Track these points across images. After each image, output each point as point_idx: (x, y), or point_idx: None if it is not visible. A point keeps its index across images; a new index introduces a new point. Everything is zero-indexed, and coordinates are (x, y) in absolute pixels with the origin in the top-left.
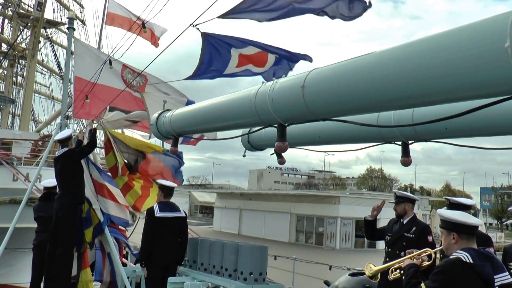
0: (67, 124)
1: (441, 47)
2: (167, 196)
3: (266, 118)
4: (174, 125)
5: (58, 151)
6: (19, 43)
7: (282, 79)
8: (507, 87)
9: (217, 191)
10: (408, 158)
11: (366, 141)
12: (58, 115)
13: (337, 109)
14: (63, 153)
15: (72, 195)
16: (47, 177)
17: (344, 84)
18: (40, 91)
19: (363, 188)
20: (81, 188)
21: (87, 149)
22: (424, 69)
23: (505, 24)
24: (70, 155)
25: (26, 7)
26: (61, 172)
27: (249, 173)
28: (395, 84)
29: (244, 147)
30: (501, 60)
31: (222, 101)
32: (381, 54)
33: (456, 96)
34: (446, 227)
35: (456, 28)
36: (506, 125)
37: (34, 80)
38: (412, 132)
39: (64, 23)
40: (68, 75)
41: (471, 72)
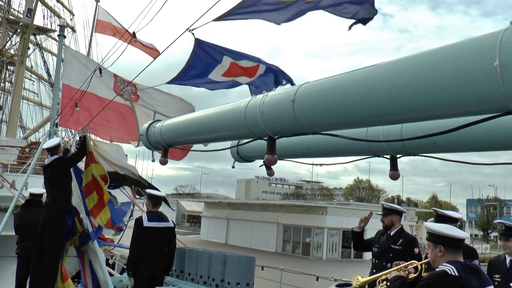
0: (56, 132)
1: (431, 64)
2: (156, 205)
3: (256, 130)
4: (164, 135)
5: (48, 159)
6: (8, 49)
7: (272, 92)
8: (496, 105)
9: (204, 201)
10: (396, 172)
11: (355, 154)
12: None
13: (327, 123)
14: (53, 161)
15: (61, 203)
16: (34, 185)
17: (334, 99)
18: (29, 97)
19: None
20: (69, 196)
21: (76, 157)
22: (413, 86)
23: (494, 43)
24: (59, 163)
25: (16, 13)
26: (51, 180)
27: (237, 182)
28: (384, 100)
29: (234, 158)
30: (490, 78)
31: (212, 112)
32: (370, 70)
33: (445, 112)
34: (432, 240)
35: (446, 46)
36: (494, 141)
37: (23, 86)
38: (401, 146)
39: (54, 30)
40: (59, 83)
41: (460, 89)
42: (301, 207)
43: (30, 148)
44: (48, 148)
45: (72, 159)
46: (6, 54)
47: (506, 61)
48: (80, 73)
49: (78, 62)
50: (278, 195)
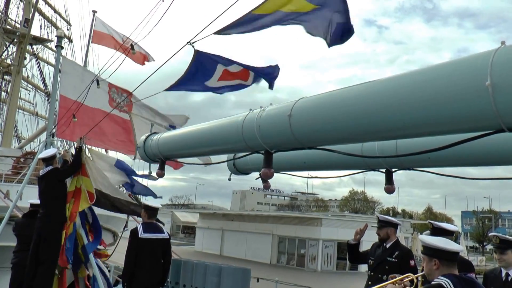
0: (52, 142)
1: (424, 82)
2: (151, 216)
3: (253, 144)
4: (161, 148)
5: (43, 170)
6: (4, 59)
7: (269, 107)
8: (488, 123)
9: (199, 211)
10: (392, 185)
11: (351, 168)
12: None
13: (323, 138)
14: (47, 172)
15: (56, 214)
16: (29, 195)
17: (330, 115)
18: (24, 107)
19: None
20: (64, 207)
21: (71, 169)
22: (407, 103)
23: (486, 63)
24: (54, 174)
25: (13, 23)
26: (45, 191)
27: (233, 193)
28: (379, 117)
29: (230, 171)
30: (482, 97)
31: (210, 126)
32: (365, 86)
33: (439, 130)
34: (427, 253)
35: (440, 64)
36: (488, 157)
37: (19, 96)
38: (396, 160)
39: (51, 40)
40: (56, 93)
41: (454, 107)
42: (296, 219)
43: (25, 158)
44: (43, 158)
45: (67, 171)
46: (3, 64)
47: (497, 81)
48: (77, 84)
49: (75, 73)
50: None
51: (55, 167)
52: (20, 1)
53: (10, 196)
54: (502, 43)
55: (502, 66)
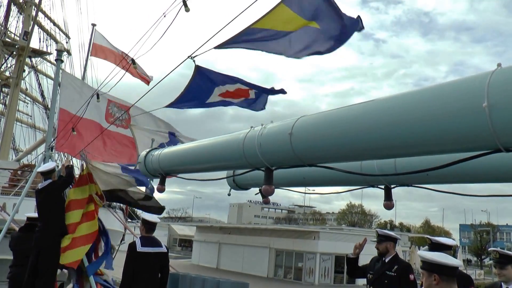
0: (51, 156)
1: (423, 102)
2: (149, 231)
3: (254, 161)
4: (162, 163)
5: (41, 183)
6: (3, 71)
7: (270, 125)
8: (485, 143)
9: (196, 224)
10: (391, 202)
11: (350, 184)
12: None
13: (323, 156)
14: (46, 185)
15: (55, 226)
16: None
17: (330, 133)
18: (22, 119)
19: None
20: (62, 220)
21: (65, 184)
22: (406, 123)
23: (483, 85)
24: (53, 187)
25: (12, 36)
26: (45, 204)
27: (230, 206)
28: (378, 136)
29: (229, 186)
30: (480, 118)
31: (211, 143)
32: (364, 106)
33: (437, 149)
34: (426, 268)
35: (438, 85)
36: (486, 175)
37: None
38: (395, 177)
39: (50, 53)
40: (55, 107)
41: (451, 128)
42: (293, 232)
43: (22, 171)
44: (42, 172)
45: (62, 185)
46: (1, 76)
47: (494, 103)
48: (76, 97)
49: (74, 87)
50: (271, 219)
51: (53, 181)
52: (20, 14)
53: (7, 208)
54: (498, 65)
55: (498, 88)
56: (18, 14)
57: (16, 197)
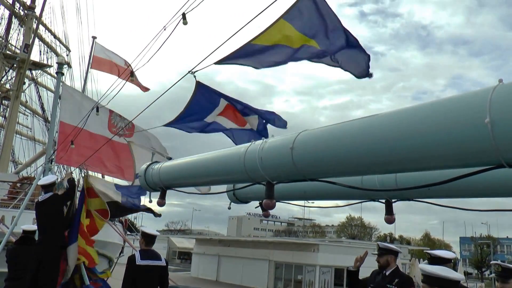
0: (50, 168)
1: (425, 118)
2: (149, 244)
3: (255, 175)
4: (162, 177)
5: (42, 196)
6: (3, 84)
7: (271, 139)
8: (488, 159)
9: (195, 237)
10: (392, 216)
11: (351, 198)
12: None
13: (325, 171)
14: (47, 198)
15: (56, 239)
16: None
17: (331, 148)
18: (22, 132)
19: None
20: (63, 233)
21: (67, 197)
22: (408, 138)
23: (485, 100)
24: (54, 200)
25: (13, 48)
26: (45, 217)
27: (229, 219)
28: (380, 151)
29: (230, 199)
30: (482, 134)
31: (212, 156)
32: (366, 121)
33: (439, 165)
34: (428, 282)
35: (440, 100)
36: (488, 190)
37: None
38: (396, 191)
39: (50, 65)
40: (55, 120)
41: (454, 143)
42: (293, 244)
43: (21, 183)
44: (43, 185)
45: (67, 196)
46: (2, 88)
47: (496, 118)
48: (76, 110)
49: (75, 99)
50: (270, 232)
51: (54, 193)
52: (21, 27)
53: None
54: (499, 81)
55: (500, 103)
56: (19, 27)
57: (15, 210)
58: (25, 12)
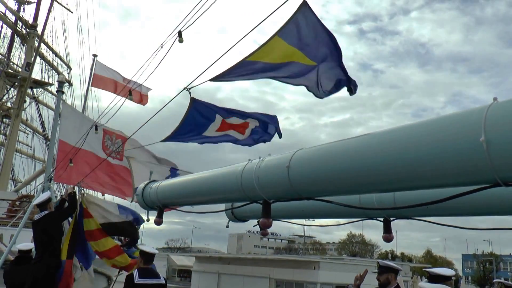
0: (50, 187)
1: (420, 136)
2: (147, 262)
3: (252, 194)
4: (160, 196)
5: (37, 215)
6: (4, 102)
7: (268, 158)
8: (484, 178)
9: (195, 255)
10: (390, 234)
11: (349, 217)
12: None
13: (321, 190)
14: (42, 217)
15: (51, 259)
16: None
17: (328, 167)
18: (22, 150)
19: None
20: (59, 252)
21: (67, 212)
22: (404, 157)
23: (479, 119)
24: (50, 218)
25: (14, 67)
26: (41, 236)
27: (229, 237)
28: (376, 170)
29: (228, 218)
30: (477, 153)
31: (209, 175)
32: (362, 139)
33: (435, 184)
34: None
35: (435, 119)
36: (486, 208)
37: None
38: (394, 210)
39: (51, 84)
40: (55, 138)
41: (449, 162)
42: (293, 262)
43: (20, 201)
44: (38, 204)
45: (63, 214)
46: (3, 107)
47: (491, 137)
48: (75, 129)
49: (74, 118)
50: (271, 249)
51: (50, 211)
52: (23, 45)
53: (3, 239)
54: (494, 99)
55: (495, 122)
56: (21, 45)
57: (13, 228)
58: (27, 31)
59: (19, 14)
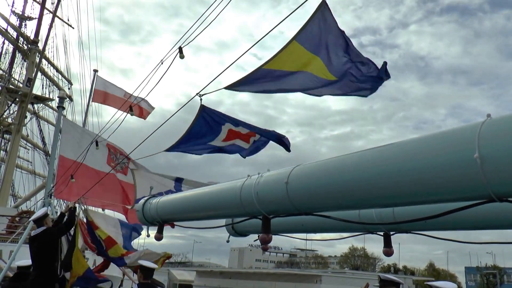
0: (50, 203)
1: (416, 153)
2: (147, 277)
3: (251, 210)
4: (160, 211)
5: (34, 231)
6: (5, 118)
7: (267, 174)
8: (479, 194)
9: (196, 269)
10: (390, 248)
11: (349, 231)
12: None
13: (320, 205)
14: (40, 233)
15: (48, 275)
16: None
17: (326, 182)
18: (22, 166)
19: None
20: (55, 268)
21: (66, 228)
22: (400, 173)
23: (473, 136)
24: (47, 234)
25: (15, 82)
26: (38, 252)
27: (230, 251)
28: (373, 186)
29: (228, 233)
30: (472, 169)
31: (208, 191)
32: (359, 155)
33: (431, 199)
34: None
35: (430, 135)
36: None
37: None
38: (394, 224)
39: (52, 99)
40: (55, 153)
41: (445, 179)
42: (295, 276)
43: (20, 217)
44: (34, 220)
45: (61, 230)
46: (4, 123)
47: (485, 153)
48: (76, 144)
49: (75, 133)
50: (272, 263)
51: (47, 227)
52: (24, 61)
53: (3, 256)
54: (487, 116)
55: (488, 138)
56: (23, 61)
57: (13, 244)
58: (29, 46)
59: (20, 30)
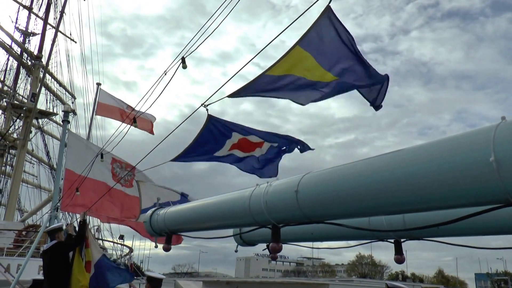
0: (56, 216)
1: (429, 157)
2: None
3: (260, 219)
4: (168, 222)
5: (46, 244)
6: (11, 133)
7: (276, 182)
8: (495, 198)
9: (202, 280)
10: (402, 256)
11: (359, 239)
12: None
13: (330, 213)
14: (51, 246)
15: None
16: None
17: (336, 190)
18: (28, 180)
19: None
20: (67, 282)
21: (75, 243)
22: (413, 179)
23: (488, 139)
24: (58, 248)
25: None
26: (50, 265)
27: (237, 260)
28: (385, 192)
29: (236, 243)
30: (488, 172)
31: (216, 201)
32: (370, 161)
33: (446, 204)
34: None
35: (443, 139)
36: (497, 228)
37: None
38: (405, 231)
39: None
40: (61, 168)
41: (460, 183)
42: (302, 285)
43: (27, 231)
44: (48, 232)
45: (71, 245)
46: (9, 138)
47: (501, 156)
48: (81, 157)
49: (80, 147)
50: (279, 272)
51: (59, 241)
52: (28, 77)
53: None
54: (502, 118)
55: (504, 141)
56: (27, 76)
57: (20, 258)
58: (33, 62)
59: (24, 46)
